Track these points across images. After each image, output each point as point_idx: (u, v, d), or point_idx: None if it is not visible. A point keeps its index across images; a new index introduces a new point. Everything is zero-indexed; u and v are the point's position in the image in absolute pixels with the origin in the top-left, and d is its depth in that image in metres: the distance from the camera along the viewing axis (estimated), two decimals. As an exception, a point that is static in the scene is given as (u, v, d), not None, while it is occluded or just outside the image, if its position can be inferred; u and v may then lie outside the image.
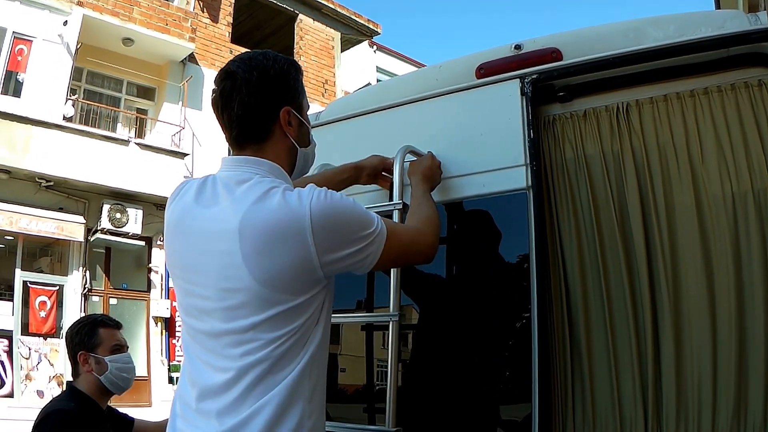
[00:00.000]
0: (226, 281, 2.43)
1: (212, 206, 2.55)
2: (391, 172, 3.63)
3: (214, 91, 2.68)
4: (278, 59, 2.70)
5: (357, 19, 30.51)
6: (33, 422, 3.80)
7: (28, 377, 19.24)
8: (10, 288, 20.05)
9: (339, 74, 29.48)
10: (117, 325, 4.29)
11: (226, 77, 2.63)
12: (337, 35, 30.04)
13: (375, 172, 3.69)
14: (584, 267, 3.39)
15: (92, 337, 4.10)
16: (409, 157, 3.62)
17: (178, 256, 2.66)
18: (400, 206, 3.43)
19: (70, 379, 4.17)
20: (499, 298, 3.62)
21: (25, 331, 19.74)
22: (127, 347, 4.27)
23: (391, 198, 3.57)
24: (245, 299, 2.40)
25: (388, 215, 3.34)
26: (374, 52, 36.62)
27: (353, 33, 30.84)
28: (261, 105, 2.61)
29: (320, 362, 2.55)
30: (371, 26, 31.05)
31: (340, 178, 3.65)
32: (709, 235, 3.15)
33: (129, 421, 4.40)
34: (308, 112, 2.88)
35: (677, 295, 3.16)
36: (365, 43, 33.66)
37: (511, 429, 3.46)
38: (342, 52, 30.62)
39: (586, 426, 3.24)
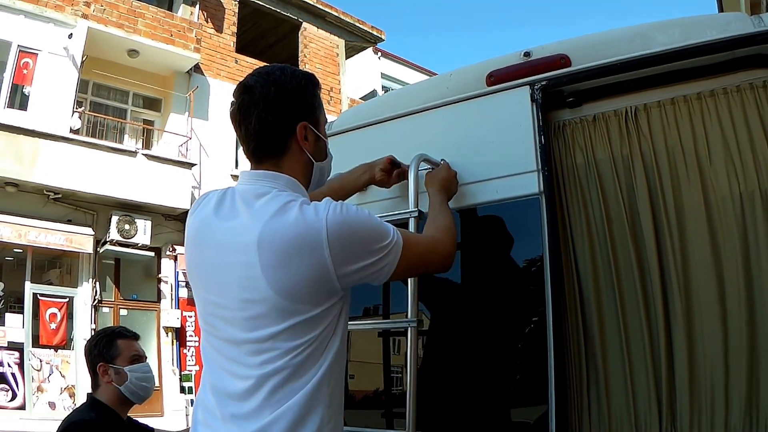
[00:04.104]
0: (245, 292, 2.48)
1: (231, 219, 2.60)
2: (404, 171, 3.67)
3: (232, 104, 2.73)
4: (296, 75, 2.75)
5: (361, 26, 30.47)
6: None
7: (39, 389, 19.23)
8: (20, 300, 20.03)
9: (344, 81, 29.46)
10: (135, 336, 4.35)
11: (244, 91, 2.68)
12: (342, 42, 30.03)
13: (387, 167, 3.70)
14: (597, 269, 3.42)
15: (111, 349, 4.16)
16: (423, 166, 3.66)
17: (197, 267, 2.71)
18: (416, 214, 3.47)
19: (89, 390, 4.21)
20: (515, 302, 3.64)
21: (36, 343, 19.71)
22: (146, 357, 4.33)
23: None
24: (264, 310, 2.45)
25: (403, 223, 3.40)
26: (379, 58, 36.61)
27: (357, 40, 30.80)
28: (278, 120, 2.66)
29: (338, 369, 2.60)
30: (375, 33, 30.99)
31: (355, 177, 3.71)
32: (718, 235, 3.18)
33: (149, 430, 4.45)
34: None
35: (688, 295, 3.19)
36: (370, 50, 33.66)
37: (529, 430, 3.48)
38: (347, 59, 30.60)
39: (602, 424, 3.27)
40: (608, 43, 3.61)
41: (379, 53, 36.56)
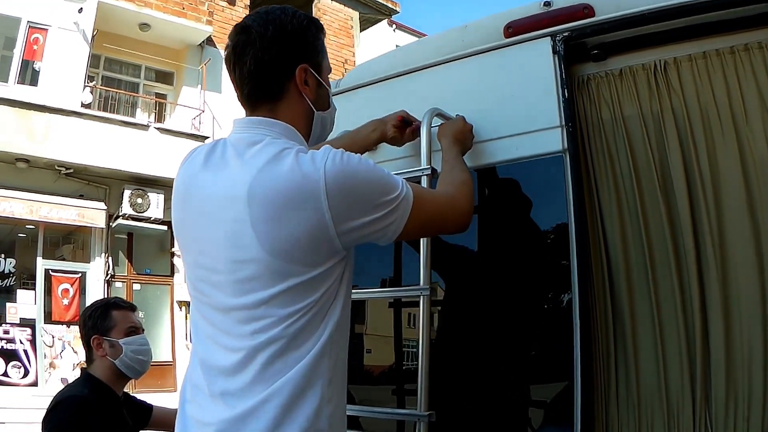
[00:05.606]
0: (235, 251, 2.28)
1: (221, 170, 2.39)
2: (417, 127, 3.47)
3: (227, 47, 2.52)
4: (297, 15, 2.53)
5: (375, -2, 30.39)
6: (46, 408, 3.70)
7: (51, 365, 19.40)
8: (32, 277, 20.16)
9: (359, 53, 29.38)
10: (131, 307, 4.18)
11: (240, 31, 2.48)
12: (356, 15, 29.93)
13: (399, 124, 3.48)
14: (626, 235, 3.21)
15: (105, 320, 3.99)
16: (437, 121, 3.46)
17: (185, 225, 2.51)
18: (429, 171, 3.27)
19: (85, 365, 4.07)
20: (536, 271, 3.43)
21: (48, 319, 19.86)
22: (143, 329, 4.16)
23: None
24: (256, 271, 2.25)
25: (416, 181, 3.15)
26: (393, 30, 36.78)
27: (372, 12, 30.71)
28: (275, 60, 2.44)
29: (340, 341, 2.39)
30: (390, 5, 30.88)
31: (365, 134, 3.48)
32: (756, 198, 2.97)
33: (147, 408, 4.31)
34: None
35: (724, 264, 2.97)
36: (384, 22, 33.63)
37: (552, 412, 3.29)
38: (361, 31, 30.53)
39: (631, 409, 3.08)
40: (635, -9, 3.38)
41: (394, 25, 36.76)
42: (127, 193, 21.21)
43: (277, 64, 2.45)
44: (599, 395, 3.12)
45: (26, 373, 18.98)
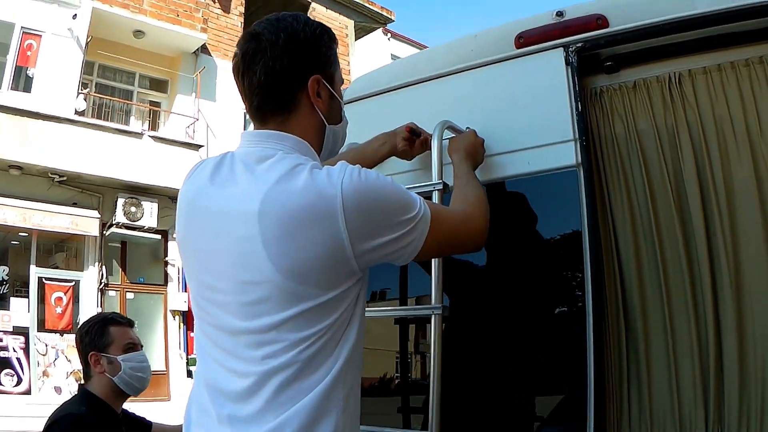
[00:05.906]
0: (244, 272, 2.16)
1: (229, 186, 2.28)
2: (426, 139, 3.40)
3: (235, 55, 2.40)
4: (310, 23, 2.43)
5: (370, 6, 30.37)
6: (43, 426, 3.63)
7: (45, 374, 19.38)
8: (26, 285, 20.17)
9: (353, 62, 29.33)
10: (129, 323, 4.11)
11: (250, 39, 2.36)
12: (351, 23, 29.90)
13: (409, 136, 3.39)
14: (639, 250, 3.14)
15: (103, 337, 3.92)
16: (447, 134, 3.38)
17: (190, 242, 2.40)
18: (441, 186, 3.18)
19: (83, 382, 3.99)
20: (549, 288, 3.38)
21: (41, 327, 19.86)
22: (142, 346, 4.09)
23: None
24: (267, 293, 2.13)
25: (427, 197, 3.03)
26: (388, 39, 36.90)
27: (367, 21, 30.70)
28: (287, 70, 2.33)
29: (355, 367, 2.27)
30: (385, 14, 30.90)
31: (374, 147, 3.39)
32: None
33: (146, 424, 4.22)
34: None
35: (739, 279, 2.91)
36: (379, 31, 33.64)
37: (565, 427, 3.23)
38: (356, 40, 30.53)
39: (643, 422, 3.01)
40: (650, 2, 3.30)
41: (389, 34, 36.82)
42: (120, 201, 21.21)
43: (288, 74, 2.35)
44: (612, 414, 3.06)
45: (19, 382, 18.96)
